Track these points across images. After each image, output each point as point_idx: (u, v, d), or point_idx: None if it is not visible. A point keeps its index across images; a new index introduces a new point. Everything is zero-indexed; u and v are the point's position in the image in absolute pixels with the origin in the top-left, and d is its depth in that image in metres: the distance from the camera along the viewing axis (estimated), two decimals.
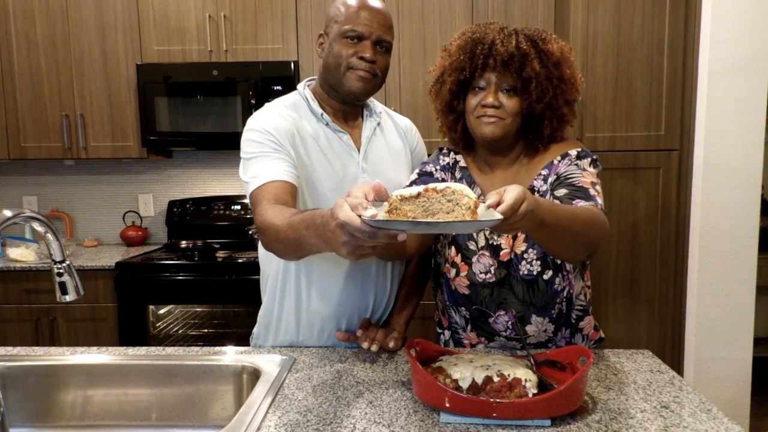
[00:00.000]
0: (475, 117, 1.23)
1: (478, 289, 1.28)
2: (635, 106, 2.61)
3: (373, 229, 0.80)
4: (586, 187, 1.17)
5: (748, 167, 2.47)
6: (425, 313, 1.56)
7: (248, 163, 1.26)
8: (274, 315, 1.40)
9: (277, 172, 1.20)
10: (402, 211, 0.86)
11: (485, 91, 1.22)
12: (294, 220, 1.00)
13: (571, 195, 1.16)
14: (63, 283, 1.06)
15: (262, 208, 1.13)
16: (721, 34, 2.42)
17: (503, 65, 1.20)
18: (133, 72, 2.81)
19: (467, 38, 1.25)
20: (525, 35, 1.21)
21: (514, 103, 1.21)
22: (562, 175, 1.22)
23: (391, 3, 2.71)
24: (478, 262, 1.27)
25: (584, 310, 1.33)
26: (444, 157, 1.38)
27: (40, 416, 1.25)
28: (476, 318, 1.32)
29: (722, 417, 0.95)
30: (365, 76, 1.27)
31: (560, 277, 1.27)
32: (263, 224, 1.10)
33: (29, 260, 2.70)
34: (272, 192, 1.16)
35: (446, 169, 1.36)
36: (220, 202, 3.14)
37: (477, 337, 1.34)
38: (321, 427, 0.94)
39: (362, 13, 1.25)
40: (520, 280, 1.25)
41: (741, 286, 2.51)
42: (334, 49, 1.28)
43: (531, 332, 1.29)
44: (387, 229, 0.80)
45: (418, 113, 2.71)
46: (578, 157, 1.25)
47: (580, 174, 1.20)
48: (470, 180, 1.32)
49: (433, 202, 0.85)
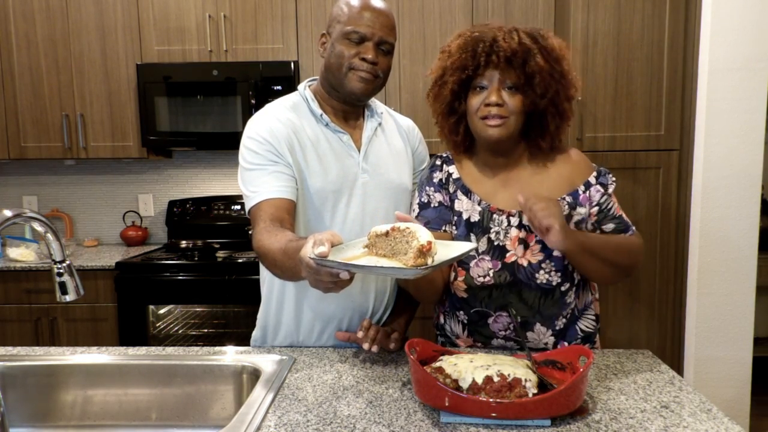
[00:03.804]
0: (478, 118, 1.22)
1: (476, 291, 1.27)
2: (635, 106, 2.61)
3: (317, 266, 0.88)
4: (621, 215, 1.29)
5: (748, 167, 2.47)
6: (425, 313, 1.55)
7: (247, 175, 1.27)
8: (274, 315, 1.40)
9: (275, 189, 1.22)
10: (377, 247, 0.95)
11: (487, 90, 1.21)
12: (289, 247, 1.04)
13: (617, 230, 1.28)
14: (63, 283, 1.06)
15: (258, 231, 1.18)
16: (721, 34, 2.42)
17: (506, 62, 1.19)
18: (133, 72, 2.81)
19: (467, 37, 1.24)
20: (524, 32, 1.21)
21: (517, 101, 1.21)
22: (604, 207, 1.27)
23: (391, 3, 2.70)
24: (476, 267, 1.26)
25: (596, 320, 1.35)
26: (437, 174, 1.34)
27: (40, 416, 1.25)
28: (474, 322, 1.31)
29: (722, 417, 0.95)
30: (367, 77, 1.27)
31: (574, 290, 1.28)
32: (260, 250, 1.15)
33: (29, 260, 2.70)
34: (269, 211, 1.20)
35: (441, 187, 1.33)
36: (220, 202, 3.14)
37: (474, 342, 1.34)
38: (321, 427, 0.94)
39: (365, 14, 1.25)
40: (534, 288, 1.25)
41: (741, 286, 2.51)
42: (336, 50, 1.28)
43: (531, 339, 1.29)
44: (327, 267, 0.87)
45: (417, 113, 2.70)
46: (603, 183, 1.28)
47: (612, 201, 1.28)
48: (465, 190, 1.30)
49: (396, 242, 0.92)
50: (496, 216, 1.26)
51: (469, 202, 1.29)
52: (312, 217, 1.32)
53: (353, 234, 1.28)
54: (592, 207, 1.26)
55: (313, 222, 1.32)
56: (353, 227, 1.32)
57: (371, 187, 1.34)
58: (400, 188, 1.39)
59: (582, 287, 1.31)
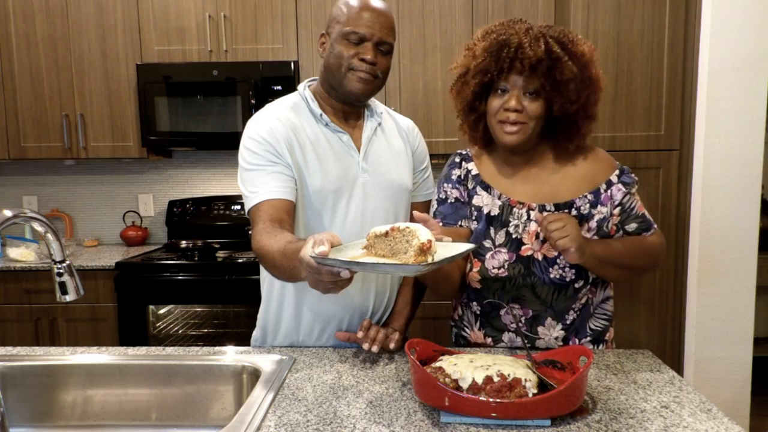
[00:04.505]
0: (497, 121, 1.24)
1: (489, 283, 1.29)
2: (635, 106, 2.61)
3: (318, 265, 0.88)
4: (644, 213, 1.30)
5: (748, 167, 2.47)
6: (425, 313, 1.56)
7: (246, 175, 1.28)
8: (274, 315, 1.40)
9: (274, 189, 1.23)
10: (375, 248, 0.95)
11: (508, 94, 1.22)
12: (288, 248, 1.05)
13: (639, 229, 1.29)
14: (63, 283, 1.06)
15: (257, 231, 1.19)
16: (721, 34, 2.42)
17: (530, 69, 1.19)
18: (133, 72, 2.81)
19: (493, 40, 1.23)
20: (553, 38, 1.20)
21: (537, 107, 1.22)
22: (627, 207, 1.28)
23: (391, 3, 2.70)
24: (492, 258, 1.28)
25: (609, 320, 1.35)
26: (455, 171, 1.37)
27: (40, 416, 1.25)
28: (487, 313, 1.34)
29: (722, 417, 0.95)
30: (366, 78, 1.27)
31: (588, 287, 1.29)
32: (259, 251, 1.16)
33: (29, 260, 2.69)
34: (268, 212, 1.20)
35: (459, 183, 1.36)
36: (220, 202, 3.14)
37: (484, 337, 1.35)
38: (321, 427, 0.94)
39: (364, 15, 1.25)
40: (548, 283, 1.26)
41: (741, 286, 2.51)
42: (335, 50, 1.28)
43: (541, 333, 1.30)
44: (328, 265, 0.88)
45: (418, 113, 2.71)
46: (625, 182, 1.29)
47: (635, 200, 1.30)
48: (484, 185, 1.33)
49: (396, 241, 0.93)
50: (516, 209, 1.29)
51: (489, 197, 1.32)
52: (311, 217, 1.32)
53: (353, 234, 1.28)
54: (614, 207, 1.27)
55: (312, 222, 1.32)
56: (353, 227, 1.32)
57: (371, 187, 1.34)
58: (400, 188, 1.39)
59: (598, 285, 1.32)
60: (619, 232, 1.29)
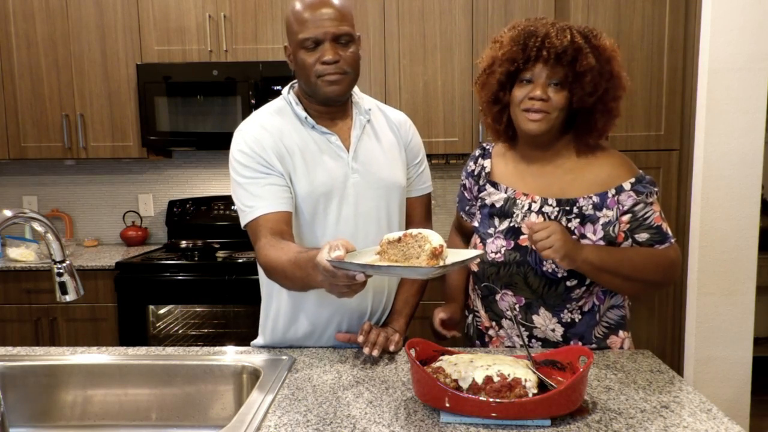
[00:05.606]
0: (521, 110, 1.26)
1: (486, 267, 1.33)
2: (635, 106, 2.61)
3: (334, 269, 0.93)
4: (660, 225, 1.27)
5: (748, 167, 2.47)
6: (425, 313, 1.55)
7: (240, 189, 1.28)
8: (273, 316, 1.39)
9: (271, 202, 1.24)
10: (388, 254, 0.99)
11: (533, 84, 1.24)
12: (300, 258, 1.08)
13: (651, 240, 1.27)
14: (63, 283, 1.06)
15: (261, 246, 1.20)
16: (721, 34, 2.42)
17: (556, 58, 1.21)
18: (133, 72, 2.81)
19: (520, 30, 1.26)
20: (578, 30, 1.24)
21: (561, 98, 1.23)
22: (639, 216, 1.26)
23: (391, 3, 2.71)
24: (492, 243, 1.33)
25: (616, 329, 1.35)
26: (471, 165, 1.45)
27: (40, 416, 1.25)
28: (485, 297, 1.38)
29: (722, 417, 0.95)
30: (336, 79, 1.24)
31: (583, 288, 1.28)
32: (268, 264, 1.18)
33: (29, 260, 2.69)
34: (267, 225, 1.21)
35: (472, 177, 1.44)
36: (220, 202, 3.14)
37: (489, 320, 1.39)
38: (321, 427, 0.94)
39: (308, 17, 1.21)
40: (539, 274, 1.28)
41: (741, 286, 2.51)
42: (298, 61, 1.25)
43: (537, 323, 1.32)
44: (344, 269, 0.93)
45: (417, 113, 2.71)
46: (638, 191, 1.27)
47: (651, 210, 1.27)
48: (493, 183, 1.39)
49: (408, 247, 0.97)
50: (519, 201, 1.32)
51: (497, 192, 1.37)
52: (304, 221, 1.31)
53: (347, 236, 1.27)
54: (623, 213, 1.26)
55: (305, 226, 1.31)
56: (346, 228, 1.31)
57: (362, 186, 1.32)
58: (392, 186, 1.37)
59: (603, 293, 1.32)
60: (628, 240, 1.27)
